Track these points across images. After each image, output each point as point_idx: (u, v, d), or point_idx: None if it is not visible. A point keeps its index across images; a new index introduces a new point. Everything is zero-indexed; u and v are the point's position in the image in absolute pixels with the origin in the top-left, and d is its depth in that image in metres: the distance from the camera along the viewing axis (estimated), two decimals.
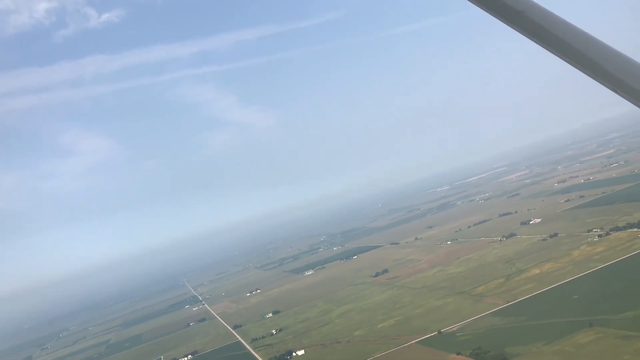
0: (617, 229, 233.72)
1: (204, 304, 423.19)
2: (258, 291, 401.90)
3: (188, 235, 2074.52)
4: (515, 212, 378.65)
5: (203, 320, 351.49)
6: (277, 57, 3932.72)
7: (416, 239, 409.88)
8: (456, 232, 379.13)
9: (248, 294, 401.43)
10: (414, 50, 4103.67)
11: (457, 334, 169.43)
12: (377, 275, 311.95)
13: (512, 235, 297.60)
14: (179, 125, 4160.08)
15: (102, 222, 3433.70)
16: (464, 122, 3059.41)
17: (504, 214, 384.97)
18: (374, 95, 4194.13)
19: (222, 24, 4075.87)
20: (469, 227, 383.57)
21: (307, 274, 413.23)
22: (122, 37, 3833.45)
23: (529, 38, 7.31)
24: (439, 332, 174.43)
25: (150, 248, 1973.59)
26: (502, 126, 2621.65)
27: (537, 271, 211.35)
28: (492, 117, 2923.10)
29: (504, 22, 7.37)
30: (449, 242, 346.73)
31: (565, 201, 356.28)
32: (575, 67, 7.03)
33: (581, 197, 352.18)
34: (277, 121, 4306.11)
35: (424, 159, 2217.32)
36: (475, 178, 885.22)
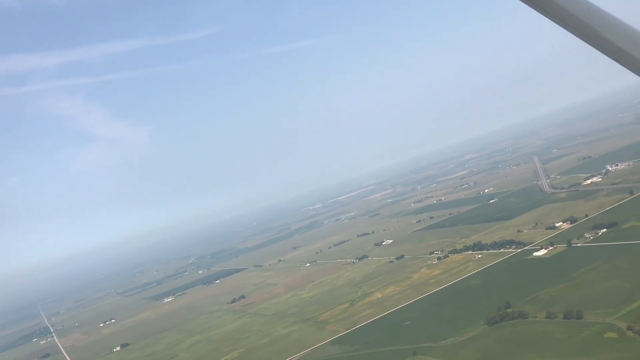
0: (455, 251, 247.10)
1: (53, 337, 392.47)
2: (113, 321, 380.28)
3: (52, 258, 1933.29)
4: (372, 232, 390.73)
5: (47, 355, 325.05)
6: (151, 71, 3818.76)
7: (279, 260, 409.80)
8: (317, 253, 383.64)
9: (102, 324, 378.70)
10: (291, 69, 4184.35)
11: None
12: (233, 301, 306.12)
13: (364, 257, 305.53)
14: (43, 139, 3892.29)
15: None
16: (348, 138, 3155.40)
17: (362, 234, 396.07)
18: (253, 113, 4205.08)
19: (91, 34, 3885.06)
20: (329, 247, 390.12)
21: (166, 300, 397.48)
22: None
23: (529, 5, 7.20)
24: None
25: (8, 272, 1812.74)
26: (385, 142, 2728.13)
27: (379, 295, 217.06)
28: (375, 134, 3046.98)
29: None
30: (308, 264, 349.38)
31: (417, 222, 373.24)
32: (577, 36, 6.94)
33: (431, 217, 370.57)
34: (151, 137, 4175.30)
35: (308, 175, 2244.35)
36: (345, 196, 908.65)
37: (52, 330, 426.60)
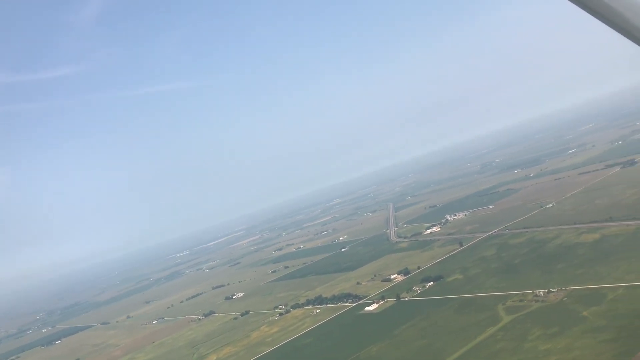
0: (297, 305, 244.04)
1: None
2: None
3: None
4: (228, 284, 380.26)
5: None
6: (6, 109, 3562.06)
7: (128, 317, 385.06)
8: (168, 308, 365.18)
9: None
10: (162, 111, 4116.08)
11: None
12: None
13: (211, 313, 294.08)
14: None
15: None
16: (225, 180, 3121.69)
17: (218, 287, 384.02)
18: (120, 155, 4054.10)
19: None
20: (181, 302, 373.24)
21: None
22: None
23: None
24: None
25: None
26: (260, 185, 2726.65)
27: (214, 357, 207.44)
28: (250, 177, 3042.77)
29: None
30: (155, 322, 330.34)
31: (272, 272, 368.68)
32: (607, 25, 6.85)
33: (286, 267, 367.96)
34: (7, 178, 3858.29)
35: (180, 218, 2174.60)
36: (213, 243, 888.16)
37: None
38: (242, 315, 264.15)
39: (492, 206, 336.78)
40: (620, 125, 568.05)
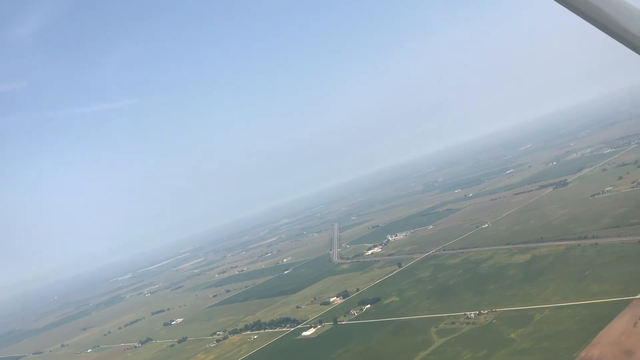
0: (236, 331, 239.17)
1: None
2: None
3: None
4: (168, 309, 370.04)
5: None
6: None
7: (62, 345, 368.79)
8: (105, 335, 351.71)
9: None
10: (107, 129, 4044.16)
11: None
12: None
13: (148, 340, 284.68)
14: None
15: None
16: (177, 198, 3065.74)
17: (157, 312, 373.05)
18: (65, 173, 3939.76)
19: None
20: (119, 328, 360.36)
21: None
22: None
23: None
24: None
25: None
26: (206, 205, 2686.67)
27: None
28: (197, 197, 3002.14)
29: None
30: (90, 350, 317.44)
31: (213, 296, 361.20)
32: (592, 24, 6.83)
33: (228, 291, 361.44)
34: None
35: (130, 238, 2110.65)
36: (158, 265, 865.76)
37: None
38: (179, 342, 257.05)
39: (431, 226, 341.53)
40: (556, 146, 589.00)
